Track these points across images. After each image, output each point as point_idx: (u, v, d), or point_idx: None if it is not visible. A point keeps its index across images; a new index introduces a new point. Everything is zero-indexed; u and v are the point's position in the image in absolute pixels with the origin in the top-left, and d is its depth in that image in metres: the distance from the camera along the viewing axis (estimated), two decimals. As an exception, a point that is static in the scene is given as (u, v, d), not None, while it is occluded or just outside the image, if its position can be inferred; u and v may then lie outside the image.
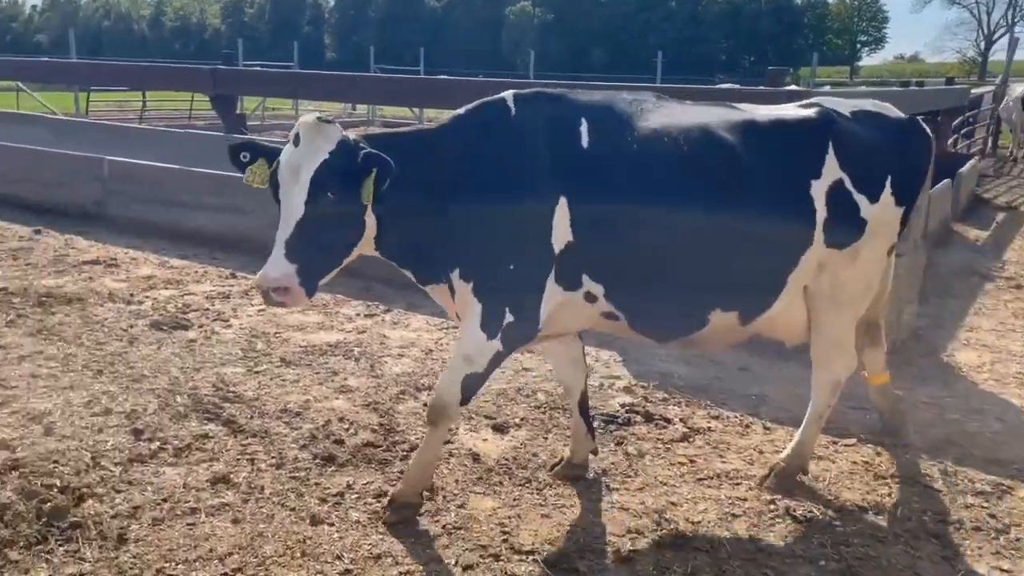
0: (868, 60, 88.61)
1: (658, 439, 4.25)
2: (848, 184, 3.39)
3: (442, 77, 10.05)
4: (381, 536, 3.33)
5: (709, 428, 4.40)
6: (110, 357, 5.11)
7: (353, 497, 3.63)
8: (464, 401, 3.37)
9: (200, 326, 5.82)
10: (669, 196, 3.24)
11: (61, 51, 76.90)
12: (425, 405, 4.61)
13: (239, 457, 3.94)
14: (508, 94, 3.36)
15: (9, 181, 9.51)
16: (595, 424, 4.34)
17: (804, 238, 3.37)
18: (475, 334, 3.26)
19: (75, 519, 3.32)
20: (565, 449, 3.99)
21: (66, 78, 16.17)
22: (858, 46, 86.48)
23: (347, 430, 4.27)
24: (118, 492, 3.58)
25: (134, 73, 11.76)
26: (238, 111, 10.82)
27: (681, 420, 4.47)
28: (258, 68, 14.29)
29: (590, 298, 3.31)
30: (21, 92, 20.58)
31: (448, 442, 4.11)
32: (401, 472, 3.80)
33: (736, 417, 4.53)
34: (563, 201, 3.18)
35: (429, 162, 3.24)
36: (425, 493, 3.53)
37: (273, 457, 3.95)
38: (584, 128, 3.26)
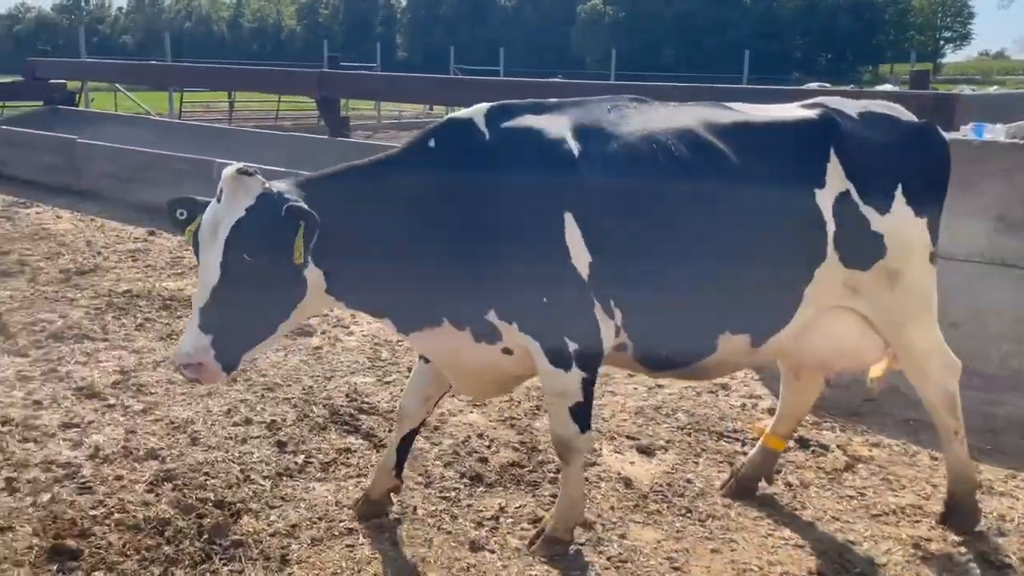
0: (952, 57, 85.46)
1: (819, 468, 4.00)
2: (855, 195, 3.05)
3: (556, 80, 9.84)
4: (546, 568, 3.18)
5: (871, 456, 4.13)
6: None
7: (508, 522, 3.50)
8: (583, 429, 3.10)
9: (323, 332, 5.79)
10: (669, 211, 2.99)
11: (144, 52, 79.66)
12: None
13: (385, 474, 3.85)
14: (476, 110, 3.03)
15: (122, 181, 9.75)
16: (746, 449, 4.14)
17: (816, 251, 3.05)
18: (551, 371, 3.00)
19: (236, 537, 3.26)
20: (717, 475, 3.80)
21: (185, 81, 16.61)
22: (941, 43, 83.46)
23: (488, 447, 4.15)
24: (272, 508, 3.52)
25: (249, 76, 12.02)
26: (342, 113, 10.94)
27: (839, 447, 4.21)
28: (364, 72, 14.41)
29: (617, 331, 3.02)
30: (118, 93, 21.25)
31: (594, 464, 3.95)
32: (553, 496, 3.65)
33: (898, 445, 4.25)
34: (569, 217, 2.87)
35: (395, 197, 2.92)
36: (578, 529, 3.35)
37: (420, 475, 3.85)
38: (571, 141, 2.94)
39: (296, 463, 3.91)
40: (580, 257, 2.89)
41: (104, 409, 4.38)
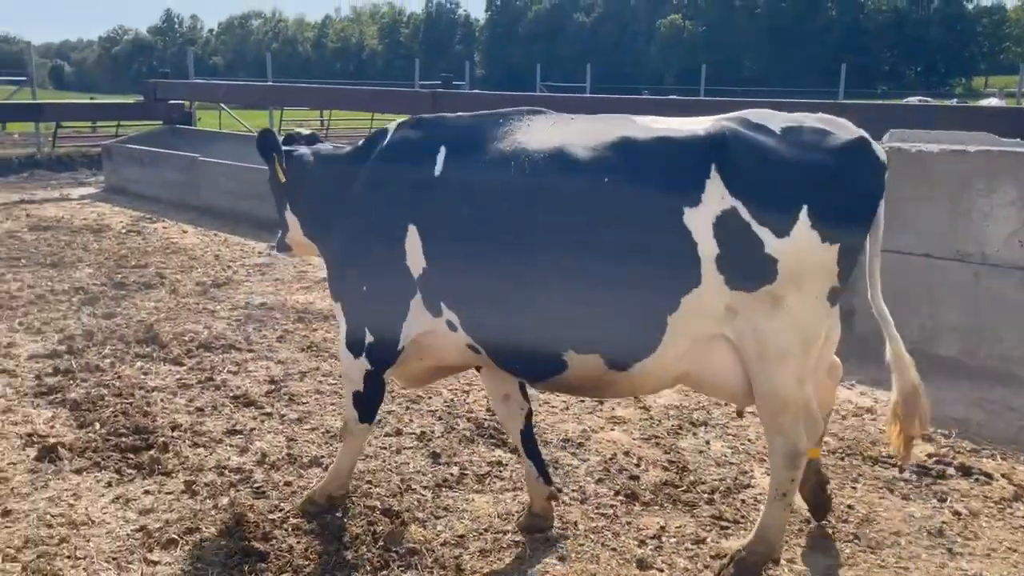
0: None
1: (986, 497, 3.87)
2: (745, 214, 2.76)
3: (651, 97, 9.79)
4: (721, 588, 3.17)
5: (1039, 486, 3.98)
6: (380, 376, 5.24)
7: (672, 541, 3.49)
8: (362, 419, 3.49)
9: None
10: (514, 223, 2.99)
11: (232, 72, 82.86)
12: (707, 443, 4.46)
13: (540, 488, 3.90)
14: (399, 121, 3.49)
15: (241, 198, 10.15)
16: (907, 475, 4.03)
17: (684, 276, 2.81)
18: (343, 354, 3.45)
19: (410, 545, 3.35)
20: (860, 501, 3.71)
21: (299, 101, 17.24)
22: (1040, 54, 79.98)
23: (637, 465, 4.15)
24: (437, 518, 3.61)
25: (363, 96, 12.38)
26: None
27: (1004, 476, 4.07)
28: (478, 91, 14.68)
29: (451, 327, 3.19)
30: (222, 111, 22.16)
31: (748, 486, 3.92)
32: (713, 517, 3.64)
33: (1067, 476, 4.08)
34: (412, 228, 3.15)
35: (328, 176, 3.59)
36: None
37: (574, 491, 3.88)
38: (440, 155, 3.17)
39: (452, 474, 3.99)
40: (415, 263, 3.18)
41: (263, 417, 4.56)
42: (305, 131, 4.07)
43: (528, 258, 2.96)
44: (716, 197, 2.77)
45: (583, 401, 4.97)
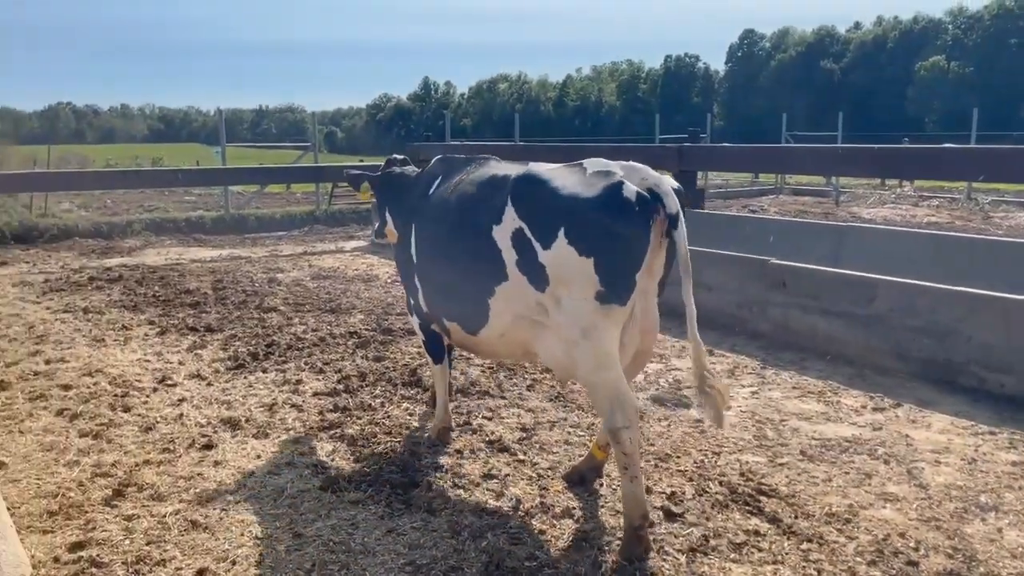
0: None
1: None
2: (527, 231, 3.75)
3: (948, 146, 9.02)
4: None
5: None
6: (627, 431, 5.22)
7: (962, 640, 3.11)
8: (435, 360, 5.14)
9: (699, 405, 5.74)
10: (437, 230, 4.43)
11: (479, 132, 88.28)
12: (999, 530, 3.95)
13: (803, 563, 3.65)
14: (438, 156, 5.01)
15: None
16: None
17: (494, 273, 3.93)
18: (409, 316, 5.37)
19: (666, 609, 3.27)
20: None
21: (542, 157, 18.23)
22: None
23: (915, 549, 3.76)
24: (693, 584, 3.49)
25: (602, 152, 12.73)
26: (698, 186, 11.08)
27: None
28: (724, 145, 14.61)
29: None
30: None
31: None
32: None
33: None
34: (412, 227, 4.71)
35: (403, 189, 5.11)
36: None
37: (842, 571, 3.59)
38: (436, 182, 4.67)
39: (705, 540, 3.85)
40: (415, 251, 4.67)
41: (515, 463, 4.71)
42: (400, 156, 5.61)
43: (437, 255, 4.43)
44: (511, 218, 3.84)
45: (847, 473, 4.62)
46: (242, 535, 3.88)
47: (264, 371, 6.54)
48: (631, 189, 3.60)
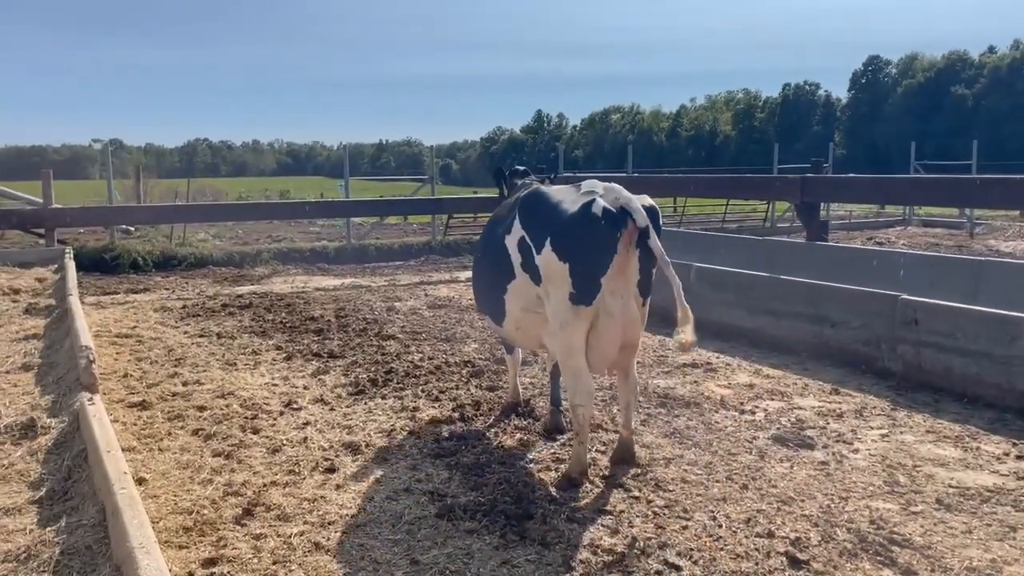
0: None
1: None
2: (528, 239, 4.77)
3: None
4: None
5: None
6: (747, 471, 5.07)
7: None
8: (507, 351, 6.30)
9: (824, 446, 5.51)
10: (484, 241, 5.58)
11: (590, 163, 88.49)
12: None
13: (942, 622, 3.42)
14: (527, 182, 5.92)
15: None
16: None
17: (508, 273, 4.96)
18: None
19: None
20: None
21: (659, 191, 18.25)
22: None
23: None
24: (819, 637, 3.32)
25: (725, 184, 12.59)
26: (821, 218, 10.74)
27: None
28: (848, 176, 14.15)
29: None
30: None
31: None
32: None
33: None
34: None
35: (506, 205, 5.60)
36: None
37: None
38: (519, 205, 5.02)
39: (833, 590, 3.67)
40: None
41: (631, 500, 4.64)
42: (522, 168, 6.31)
43: (483, 263, 5.46)
44: (518, 229, 4.86)
45: (989, 525, 4.32)
46: (362, 559, 3.98)
47: (383, 397, 6.73)
48: (599, 206, 4.48)
